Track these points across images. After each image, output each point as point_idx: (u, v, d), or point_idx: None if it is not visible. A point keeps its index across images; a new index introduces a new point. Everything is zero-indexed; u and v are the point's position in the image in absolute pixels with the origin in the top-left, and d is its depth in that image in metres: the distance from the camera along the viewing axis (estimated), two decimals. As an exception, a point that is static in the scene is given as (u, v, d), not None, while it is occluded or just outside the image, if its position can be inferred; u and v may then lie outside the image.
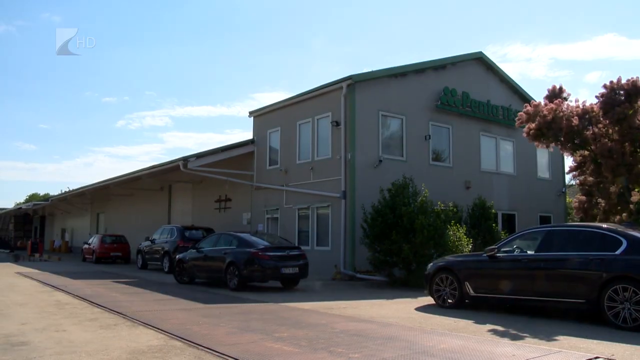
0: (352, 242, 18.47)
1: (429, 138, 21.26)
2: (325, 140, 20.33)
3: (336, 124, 19.51)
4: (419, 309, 11.27)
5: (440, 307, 11.24)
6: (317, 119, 20.80)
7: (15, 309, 10.95)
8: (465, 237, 16.43)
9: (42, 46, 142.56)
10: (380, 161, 19.49)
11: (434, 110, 21.59)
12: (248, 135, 24.98)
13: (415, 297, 13.25)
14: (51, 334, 8.09)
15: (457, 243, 16.00)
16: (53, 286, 15.59)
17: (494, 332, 8.46)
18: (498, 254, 10.57)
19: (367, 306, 11.73)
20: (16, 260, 35.51)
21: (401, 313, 10.63)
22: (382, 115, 20.07)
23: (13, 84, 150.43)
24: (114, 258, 29.93)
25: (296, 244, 18.29)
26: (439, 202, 17.08)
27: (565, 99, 16.78)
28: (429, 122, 21.45)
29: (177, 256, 18.15)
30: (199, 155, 22.81)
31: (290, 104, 22.41)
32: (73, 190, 41.75)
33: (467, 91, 22.50)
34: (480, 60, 23.97)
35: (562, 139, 16.06)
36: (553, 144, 16.63)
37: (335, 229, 19.31)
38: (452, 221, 16.48)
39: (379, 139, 19.83)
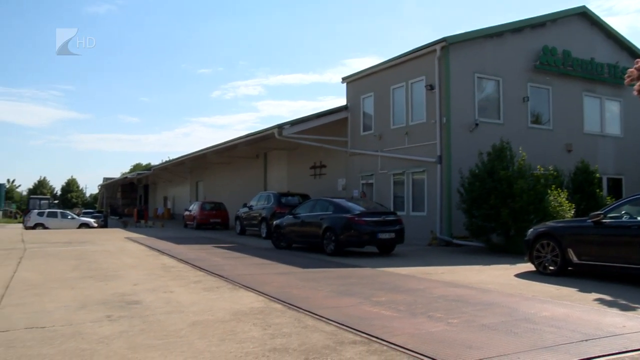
0: (449, 208, 18.26)
1: (527, 100, 20.49)
2: (419, 104, 20.05)
3: (430, 87, 19.18)
4: (518, 275, 11.03)
5: (541, 274, 10.92)
6: (411, 83, 20.50)
7: (127, 270, 11.68)
8: (567, 202, 15.78)
9: (141, 22, 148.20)
10: (477, 124, 19.02)
11: (532, 71, 20.71)
12: (340, 101, 25.05)
13: (514, 263, 12.97)
14: (160, 294, 8.56)
15: (558, 208, 15.41)
16: (159, 250, 16.46)
17: (601, 301, 8.08)
18: (604, 220, 10.11)
19: (465, 272, 11.60)
20: (124, 226, 37.68)
21: (500, 279, 10.44)
22: (477, 77, 19.53)
23: (115, 60, 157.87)
24: (214, 224, 31.05)
25: (392, 210, 18.28)
26: (538, 166, 16.48)
27: (684, 52, 15.48)
28: (527, 84, 20.64)
29: (274, 222, 18.60)
30: (293, 123, 23.13)
31: (383, 68, 22.17)
32: (173, 159, 43.55)
33: (568, 49, 21.35)
34: (583, 16, 22.60)
35: (680, 96, 14.92)
36: (668, 102, 15.51)
37: (431, 194, 19.13)
38: (553, 186, 15.86)
39: (474, 102, 19.34)
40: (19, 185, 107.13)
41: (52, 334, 5.86)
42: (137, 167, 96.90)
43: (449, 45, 18.86)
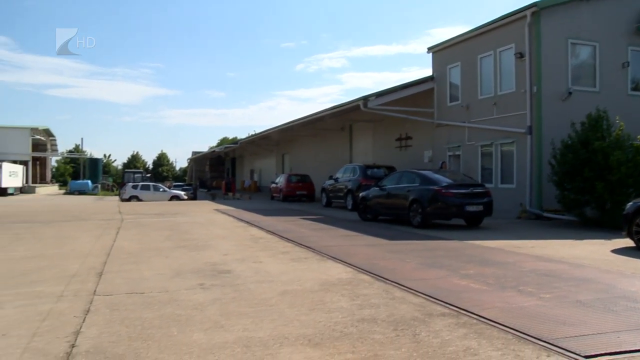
0: (539, 180, 17.65)
1: (627, 65, 19.27)
2: (508, 73, 19.35)
3: (520, 55, 18.44)
4: (615, 251, 10.55)
5: (641, 250, 10.43)
6: (499, 52, 19.78)
7: (218, 241, 12.06)
8: (672, 175, 14.86)
9: (224, 3, 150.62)
10: (570, 93, 18.16)
11: (633, 34, 19.40)
12: (425, 72, 24.79)
13: (610, 238, 12.42)
14: (249, 264, 8.79)
15: (661, 181, 14.57)
16: (247, 222, 16.86)
17: None
18: None
19: (557, 246, 11.23)
20: (213, 198, 38.83)
21: (595, 254, 10.03)
22: (571, 43, 18.56)
23: (200, 37, 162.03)
24: (300, 196, 31.38)
25: (479, 182, 17.88)
26: (638, 137, 15.60)
27: None
28: (628, 47, 19.37)
29: (360, 194, 18.62)
30: (378, 94, 22.96)
31: (469, 37, 21.50)
32: (259, 133, 44.28)
33: (679, 6, 19.79)
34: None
35: None
36: None
37: (521, 166, 18.53)
38: (656, 157, 14.97)
39: (567, 69, 18.44)
40: (115, 160, 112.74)
41: (150, 300, 6.17)
42: (224, 140, 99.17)
43: (540, 10, 18.00)
